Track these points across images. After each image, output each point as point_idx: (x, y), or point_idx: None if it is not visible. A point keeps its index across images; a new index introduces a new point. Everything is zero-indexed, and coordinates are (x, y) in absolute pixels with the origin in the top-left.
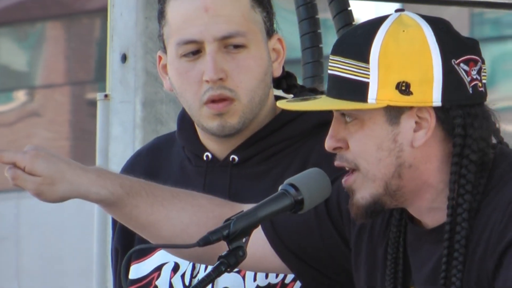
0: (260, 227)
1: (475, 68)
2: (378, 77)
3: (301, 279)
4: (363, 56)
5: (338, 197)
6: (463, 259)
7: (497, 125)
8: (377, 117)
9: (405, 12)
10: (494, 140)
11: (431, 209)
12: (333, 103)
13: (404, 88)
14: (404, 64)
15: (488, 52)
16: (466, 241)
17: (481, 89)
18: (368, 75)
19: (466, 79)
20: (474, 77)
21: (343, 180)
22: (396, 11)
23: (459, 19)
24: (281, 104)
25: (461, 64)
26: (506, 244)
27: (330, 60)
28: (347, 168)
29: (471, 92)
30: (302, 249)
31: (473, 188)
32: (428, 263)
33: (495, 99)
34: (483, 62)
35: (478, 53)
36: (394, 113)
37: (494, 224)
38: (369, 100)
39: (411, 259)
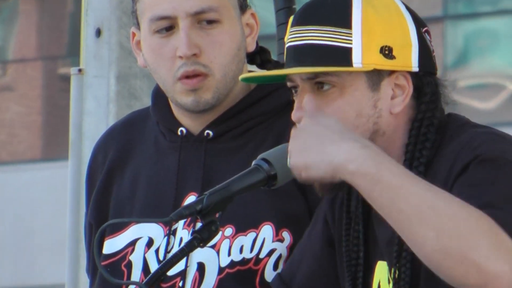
0: None
1: (431, 39)
2: (362, 42)
3: None
4: (344, 22)
5: (327, 215)
6: None
7: (448, 94)
8: (359, 83)
9: None
10: None
11: None
12: (315, 68)
13: (387, 52)
14: (385, 29)
15: (461, 29)
16: None
17: (435, 60)
18: (351, 40)
19: (431, 48)
20: (431, 47)
21: None
22: None
23: None
24: (253, 73)
25: (425, 34)
26: (454, 176)
27: (299, 31)
28: None
29: (434, 62)
30: None
31: (430, 148)
32: (385, 234)
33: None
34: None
35: None
36: (375, 78)
37: (443, 171)
38: (354, 65)
39: (377, 230)
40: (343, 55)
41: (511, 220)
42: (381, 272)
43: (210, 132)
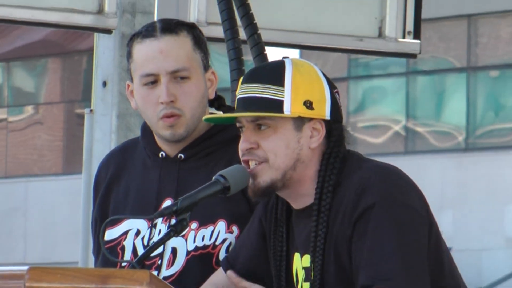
0: (221, 267)
1: (339, 98)
2: (291, 97)
3: None
4: (279, 82)
5: (262, 216)
6: (326, 226)
7: (348, 137)
8: (288, 125)
9: (292, 57)
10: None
11: (302, 195)
12: (257, 114)
13: (309, 105)
14: (308, 88)
15: (360, 86)
16: (328, 215)
17: (342, 112)
18: (283, 95)
19: (339, 103)
20: (339, 103)
21: (250, 168)
22: (283, 57)
23: (340, 62)
24: (212, 116)
25: (336, 94)
26: (358, 215)
27: (247, 87)
28: (254, 162)
29: (341, 113)
30: (248, 270)
31: (336, 174)
32: (304, 231)
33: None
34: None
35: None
36: (299, 123)
37: (348, 201)
38: (285, 112)
39: (295, 231)
40: (277, 105)
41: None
42: (297, 261)
43: (182, 155)
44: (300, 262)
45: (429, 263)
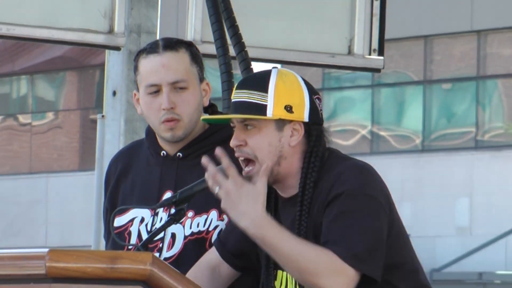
0: (214, 247)
1: (320, 103)
2: (273, 101)
3: (237, 270)
4: (263, 89)
5: None
6: (308, 214)
7: (328, 137)
8: (270, 126)
9: (280, 68)
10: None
11: (288, 186)
12: (244, 116)
13: (289, 109)
14: (289, 95)
15: (332, 96)
16: (309, 204)
17: (322, 116)
18: (267, 100)
19: (319, 107)
20: (320, 108)
21: (245, 171)
22: (273, 67)
23: (315, 75)
24: (209, 116)
25: (316, 99)
26: (328, 201)
27: (238, 92)
28: (244, 158)
29: (320, 117)
30: (237, 249)
31: (318, 171)
32: (289, 218)
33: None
34: (320, 100)
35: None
36: (280, 124)
37: (324, 191)
38: (268, 115)
39: (281, 216)
40: (261, 109)
41: (346, 254)
42: None
43: (180, 154)
44: None
45: (392, 246)
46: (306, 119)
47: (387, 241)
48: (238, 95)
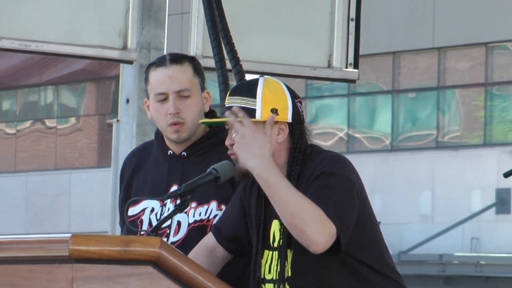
0: (211, 232)
1: (301, 106)
2: (261, 106)
3: (230, 253)
4: (252, 95)
5: (241, 196)
6: None
7: (309, 134)
8: (259, 127)
9: (266, 76)
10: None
11: None
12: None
13: (275, 111)
14: (274, 99)
15: (314, 103)
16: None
17: (304, 116)
18: (255, 104)
19: (300, 110)
20: (301, 110)
21: (232, 157)
22: (260, 76)
23: (300, 85)
24: (207, 120)
25: (297, 102)
26: (310, 182)
27: (230, 99)
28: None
29: (302, 117)
30: (231, 234)
31: (301, 164)
32: None
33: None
34: (301, 103)
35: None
36: None
37: (307, 177)
38: (257, 117)
39: (272, 204)
40: (251, 112)
41: (332, 213)
42: (275, 225)
43: (185, 153)
44: (278, 226)
45: (362, 228)
46: (290, 119)
47: (358, 222)
48: (230, 101)
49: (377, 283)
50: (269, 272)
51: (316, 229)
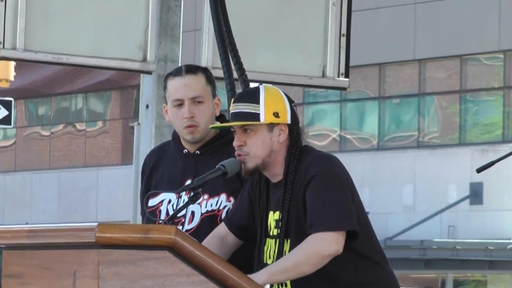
0: (222, 223)
1: (296, 108)
2: (264, 110)
3: (240, 239)
4: (256, 101)
5: (249, 189)
6: (290, 193)
7: (304, 135)
8: (263, 129)
9: (265, 84)
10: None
11: (276, 174)
12: (243, 123)
13: (276, 115)
14: (275, 104)
15: (310, 108)
16: (291, 186)
17: (298, 118)
18: (259, 109)
19: (296, 112)
20: (297, 112)
21: (238, 158)
22: (259, 84)
23: (298, 92)
24: (216, 125)
25: (293, 106)
26: (306, 183)
27: (236, 105)
28: (242, 153)
29: (297, 118)
30: (241, 223)
31: (297, 159)
32: (276, 197)
33: (312, 130)
34: (296, 107)
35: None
36: (271, 127)
37: (302, 174)
38: (261, 120)
39: (271, 196)
40: (255, 116)
41: (324, 227)
42: (271, 216)
43: (198, 152)
44: (273, 217)
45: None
46: (288, 121)
47: None
48: (236, 107)
49: (365, 266)
50: (269, 257)
51: (323, 249)
